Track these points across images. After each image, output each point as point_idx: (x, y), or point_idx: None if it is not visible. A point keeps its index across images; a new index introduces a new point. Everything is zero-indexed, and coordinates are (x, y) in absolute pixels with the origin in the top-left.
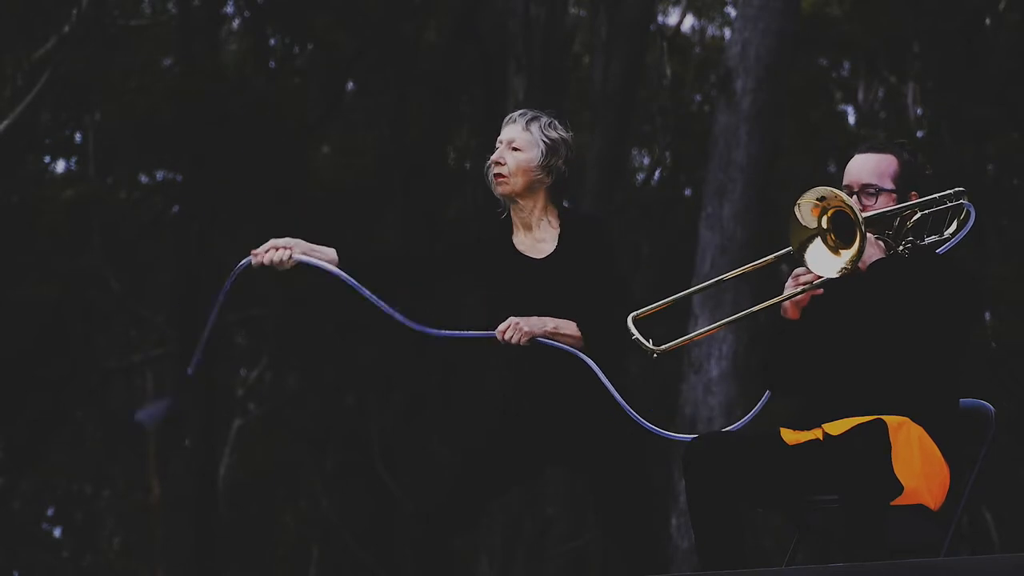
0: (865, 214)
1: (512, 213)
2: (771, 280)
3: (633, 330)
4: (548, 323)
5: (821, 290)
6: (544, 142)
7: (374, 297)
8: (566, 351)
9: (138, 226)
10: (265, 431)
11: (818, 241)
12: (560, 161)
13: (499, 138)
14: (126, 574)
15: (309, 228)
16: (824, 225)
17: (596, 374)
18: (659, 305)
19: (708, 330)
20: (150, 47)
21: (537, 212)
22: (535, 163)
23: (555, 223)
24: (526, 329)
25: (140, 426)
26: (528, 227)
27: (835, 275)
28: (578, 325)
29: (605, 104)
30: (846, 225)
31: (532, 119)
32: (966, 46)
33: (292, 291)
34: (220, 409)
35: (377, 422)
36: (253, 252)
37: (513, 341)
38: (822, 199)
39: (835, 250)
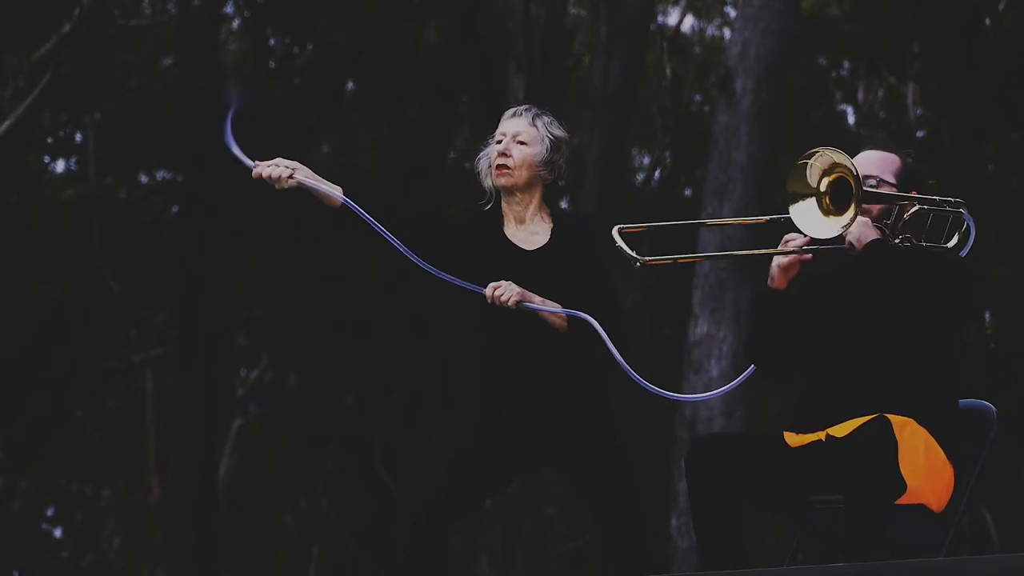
0: (865, 188)
1: (504, 206)
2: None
3: (618, 239)
4: (536, 298)
5: (810, 256)
6: (549, 138)
7: (374, 222)
8: (565, 312)
9: (138, 226)
10: (265, 431)
11: (812, 201)
12: (561, 160)
13: (500, 130)
14: (126, 574)
15: (309, 227)
16: (823, 188)
17: (596, 329)
18: (649, 225)
19: (699, 257)
20: (150, 47)
21: (532, 207)
22: (540, 158)
23: (547, 219)
24: (518, 290)
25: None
26: (521, 220)
27: (820, 237)
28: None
29: (605, 104)
30: (844, 193)
31: (537, 115)
32: (966, 46)
33: (292, 291)
34: (220, 409)
35: (377, 422)
36: (256, 162)
37: (503, 299)
38: (832, 163)
39: (827, 215)
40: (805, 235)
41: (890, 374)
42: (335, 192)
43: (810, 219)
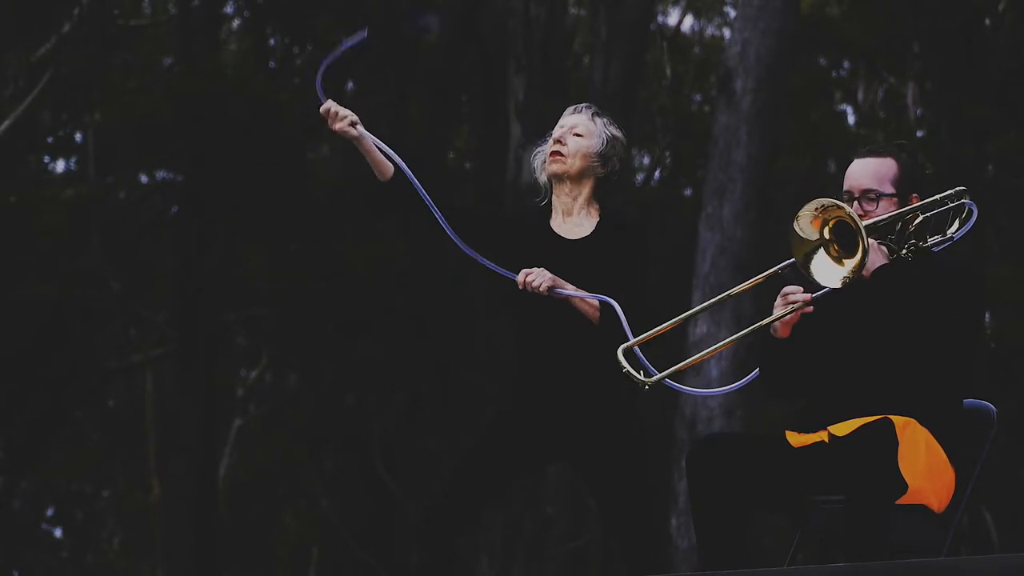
0: (866, 222)
1: (554, 198)
2: (774, 284)
3: (623, 362)
4: (568, 285)
5: (811, 308)
6: (606, 135)
7: (426, 195)
8: (594, 298)
9: (138, 226)
10: (265, 431)
11: (821, 252)
12: (615, 158)
13: (558, 124)
14: (126, 574)
15: (309, 227)
16: (826, 236)
17: (617, 313)
18: (651, 334)
19: (696, 359)
20: (150, 47)
21: (581, 200)
22: (595, 150)
23: (595, 214)
24: (550, 276)
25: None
26: (568, 213)
27: (839, 285)
28: (599, 306)
29: (605, 104)
30: (848, 234)
31: (596, 113)
32: (966, 46)
33: (292, 291)
34: (220, 409)
35: (377, 422)
36: (329, 100)
37: (534, 285)
38: (821, 210)
39: (838, 260)
40: (825, 286)
41: (895, 376)
42: (390, 159)
43: (827, 272)
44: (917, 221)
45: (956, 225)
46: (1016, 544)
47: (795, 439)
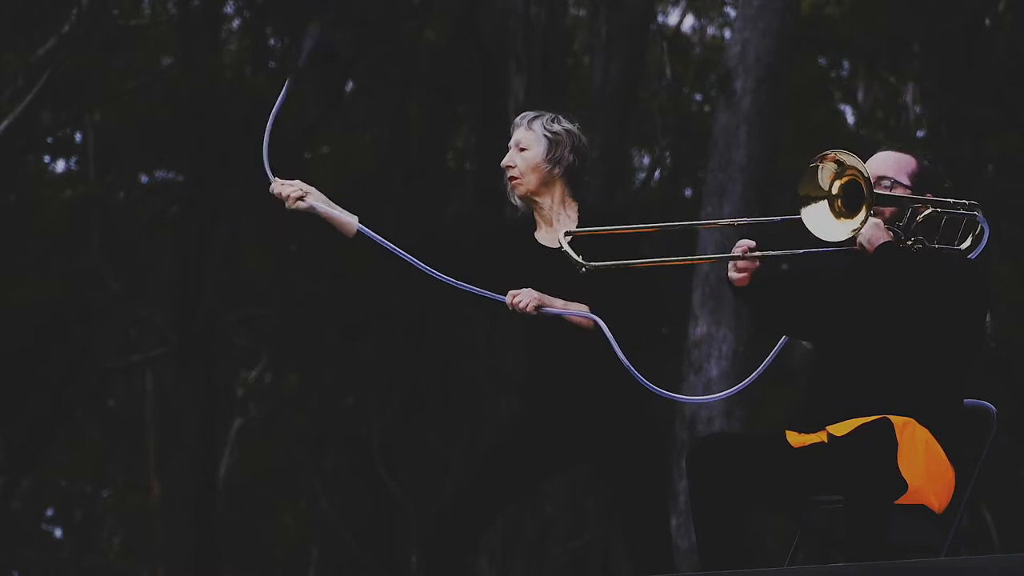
0: (878, 191)
1: (534, 213)
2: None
3: (564, 244)
4: (557, 302)
5: (757, 259)
6: (547, 136)
7: (392, 246)
8: (572, 315)
9: (138, 226)
10: (265, 431)
11: (824, 204)
12: (567, 151)
13: (509, 143)
14: (126, 574)
15: (309, 228)
16: (834, 191)
17: (605, 334)
18: (595, 230)
19: (648, 262)
20: (150, 47)
21: (556, 206)
22: (541, 158)
23: (574, 216)
24: (536, 295)
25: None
26: (549, 223)
27: (832, 240)
28: (590, 309)
29: (605, 104)
30: (855, 196)
31: (534, 118)
32: (966, 46)
33: (292, 291)
34: (220, 409)
35: (377, 422)
36: (275, 178)
37: (521, 306)
38: (841, 164)
39: (838, 217)
40: (819, 238)
41: (895, 374)
42: (351, 220)
43: (822, 222)
44: (926, 213)
45: (968, 241)
46: (1016, 544)
47: (795, 439)
